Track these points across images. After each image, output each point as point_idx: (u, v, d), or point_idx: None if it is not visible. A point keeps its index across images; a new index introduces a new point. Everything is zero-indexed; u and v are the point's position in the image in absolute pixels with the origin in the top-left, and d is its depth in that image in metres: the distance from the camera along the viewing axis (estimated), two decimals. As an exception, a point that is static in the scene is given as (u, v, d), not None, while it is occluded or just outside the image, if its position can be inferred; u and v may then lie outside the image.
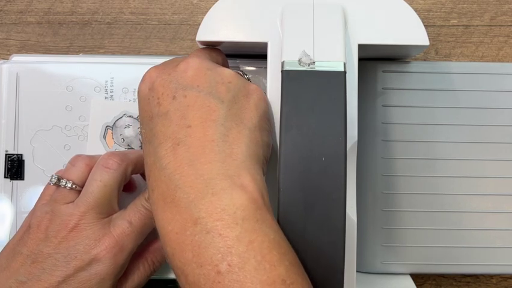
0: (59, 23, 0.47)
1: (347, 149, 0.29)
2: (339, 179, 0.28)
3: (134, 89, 0.40)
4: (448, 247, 0.41)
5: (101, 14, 0.47)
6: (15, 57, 0.40)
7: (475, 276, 0.45)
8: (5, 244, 0.34)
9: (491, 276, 0.45)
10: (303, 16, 0.32)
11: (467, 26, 0.47)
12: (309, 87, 0.29)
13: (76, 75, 0.40)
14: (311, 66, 0.30)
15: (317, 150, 0.28)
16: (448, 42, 0.47)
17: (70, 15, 0.47)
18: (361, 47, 0.34)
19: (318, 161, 0.28)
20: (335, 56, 0.30)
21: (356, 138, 0.33)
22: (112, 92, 0.40)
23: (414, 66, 0.41)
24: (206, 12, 0.35)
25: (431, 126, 0.41)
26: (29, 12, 0.46)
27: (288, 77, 0.30)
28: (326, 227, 0.28)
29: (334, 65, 0.30)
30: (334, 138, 0.28)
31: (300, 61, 0.30)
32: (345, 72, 0.30)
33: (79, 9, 0.47)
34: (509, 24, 0.47)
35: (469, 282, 0.45)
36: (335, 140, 0.28)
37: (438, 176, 0.41)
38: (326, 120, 0.29)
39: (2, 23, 0.45)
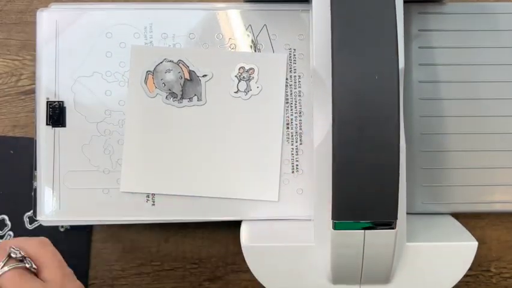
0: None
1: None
2: (392, 96, 0.28)
3: (174, 34, 0.40)
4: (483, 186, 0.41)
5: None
6: (54, 5, 0.40)
7: (475, 276, 0.45)
8: None
9: (490, 276, 0.45)
10: None
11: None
12: (359, 8, 0.29)
13: (115, 21, 0.40)
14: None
15: (369, 69, 0.29)
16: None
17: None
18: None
19: (370, 80, 0.29)
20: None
21: (403, 64, 0.33)
22: (152, 37, 0.40)
23: (451, 7, 0.41)
24: None
25: (468, 66, 0.41)
26: (29, 12, 0.45)
27: None
28: (380, 144, 0.29)
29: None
30: (387, 56, 0.29)
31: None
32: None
33: None
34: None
35: (468, 282, 0.45)
36: (387, 58, 0.29)
37: (477, 116, 0.41)
38: (377, 39, 0.29)
39: (2, 23, 0.45)
